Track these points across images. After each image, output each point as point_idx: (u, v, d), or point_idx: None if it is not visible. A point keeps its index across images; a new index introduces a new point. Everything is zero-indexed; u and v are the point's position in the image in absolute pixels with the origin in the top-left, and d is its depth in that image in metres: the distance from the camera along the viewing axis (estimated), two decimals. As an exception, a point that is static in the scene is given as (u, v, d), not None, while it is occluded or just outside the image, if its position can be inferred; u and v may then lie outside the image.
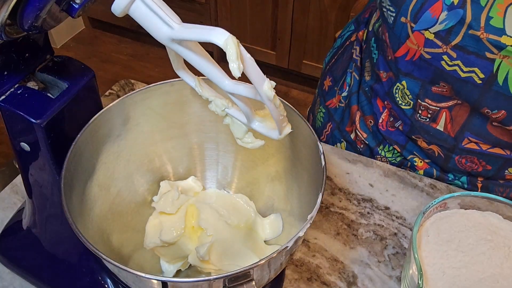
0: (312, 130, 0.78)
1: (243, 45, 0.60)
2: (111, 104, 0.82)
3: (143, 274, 0.65)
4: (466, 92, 0.93)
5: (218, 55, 2.81)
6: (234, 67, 0.58)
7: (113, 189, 0.88)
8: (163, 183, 0.93)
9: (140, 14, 0.62)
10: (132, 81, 1.30)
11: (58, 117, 0.73)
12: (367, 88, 1.19)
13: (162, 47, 0.67)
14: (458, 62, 0.90)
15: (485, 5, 0.84)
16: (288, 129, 0.72)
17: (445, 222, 0.86)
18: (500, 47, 0.84)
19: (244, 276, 0.65)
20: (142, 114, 0.87)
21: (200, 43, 0.65)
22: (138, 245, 0.89)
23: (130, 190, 0.92)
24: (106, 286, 0.86)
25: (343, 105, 1.26)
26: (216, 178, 0.99)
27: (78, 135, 0.76)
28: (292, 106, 0.81)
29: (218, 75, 0.68)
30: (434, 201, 0.84)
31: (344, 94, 1.25)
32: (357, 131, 1.21)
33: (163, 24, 0.63)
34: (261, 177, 0.94)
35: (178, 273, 0.90)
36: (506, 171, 1.03)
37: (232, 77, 0.63)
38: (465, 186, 1.09)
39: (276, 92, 0.63)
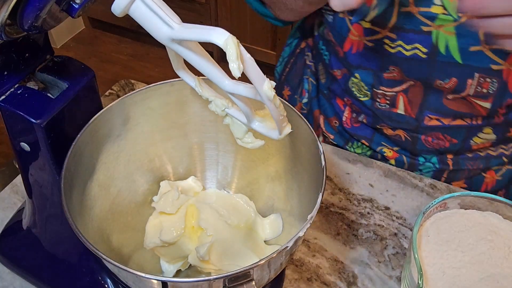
0: (312, 130, 0.78)
1: (243, 45, 0.60)
2: (111, 104, 0.82)
3: (143, 274, 0.65)
4: (415, 69, 0.96)
5: (218, 55, 2.81)
6: (234, 67, 0.58)
7: (113, 189, 0.88)
8: (163, 183, 0.93)
9: (140, 14, 0.62)
10: (132, 81, 1.30)
11: (58, 117, 0.73)
12: (325, 91, 1.21)
13: (162, 47, 0.67)
14: (400, 42, 0.93)
15: None
16: (288, 129, 0.72)
17: (445, 222, 0.86)
18: (432, 17, 0.87)
19: (244, 276, 0.65)
20: (142, 114, 0.87)
21: (200, 43, 0.65)
22: (138, 245, 0.89)
23: (130, 190, 0.92)
24: (106, 286, 0.86)
25: (305, 111, 1.29)
26: (216, 178, 0.99)
27: (78, 135, 0.76)
28: (292, 106, 0.81)
29: (218, 75, 0.67)
30: (434, 201, 0.84)
31: (305, 100, 1.27)
32: (324, 134, 1.24)
33: (163, 24, 0.62)
34: (261, 177, 0.94)
35: (178, 273, 0.90)
36: (471, 141, 1.06)
37: (232, 77, 0.63)
38: (437, 166, 1.11)
39: (276, 92, 0.64)
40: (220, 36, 0.59)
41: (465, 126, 1.03)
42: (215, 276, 0.64)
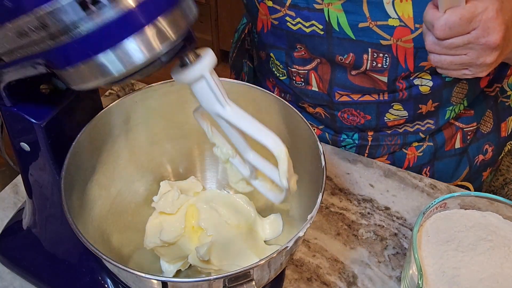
0: (312, 130, 0.78)
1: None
2: (111, 104, 0.82)
3: (143, 274, 0.65)
4: (317, 46, 1.01)
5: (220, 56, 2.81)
6: (283, 183, 0.66)
7: (113, 189, 0.88)
8: (163, 183, 0.93)
9: (200, 89, 0.64)
10: (132, 81, 1.30)
11: (58, 117, 0.73)
12: (258, 73, 1.29)
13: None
14: (299, 19, 0.98)
15: None
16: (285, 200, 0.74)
17: (445, 222, 0.86)
18: None
19: (244, 276, 0.66)
20: (142, 114, 0.87)
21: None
22: (138, 245, 0.89)
23: (130, 190, 0.92)
24: (106, 286, 0.86)
25: None
26: (216, 178, 0.99)
27: (78, 135, 0.77)
28: (292, 106, 0.81)
29: (244, 146, 0.71)
30: (434, 201, 0.84)
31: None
32: None
33: (216, 102, 0.64)
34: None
35: (178, 273, 0.90)
36: (385, 117, 1.10)
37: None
38: (357, 142, 1.16)
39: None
40: (276, 146, 0.64)
41: (374, 101, 1.07)
42: (215, 276, 0.64)
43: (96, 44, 0.53)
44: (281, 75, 1.15)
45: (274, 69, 1.15)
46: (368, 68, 1.01)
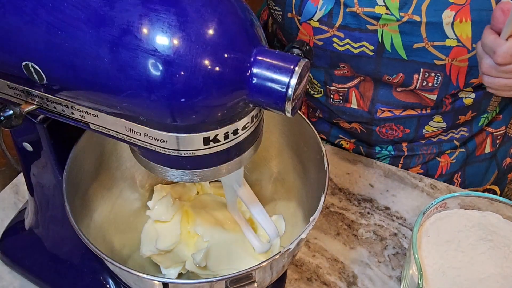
0: (315, 131, 0.78)
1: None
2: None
3: (144, 275, 0.65)
4: (363, 66, 0.99)
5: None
6: (264, 249, 0.83)
7: (115, 189, 0.88)
8: (157, 187, 0.93)
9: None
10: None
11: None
12: None
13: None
14: (347, 40, 0.96)
15: None
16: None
17: (445, 222, 0.86)
18: (376, 17, 0.91)
19: (246, 277, 0.66)
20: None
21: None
22: (139, 246, 0.89)
23: (132, 191, 0.92)
24: (108, 286, 0.86)
25: None
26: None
27: (81, 136, 0.76)
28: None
29: (253, 239, 0.84)
30: (434, 201, 0.84)
31: None
32: None
33: (235, 182, 0.76)
34: (263, 178, 0.94)
35: (179, 276, 0.90)
36: (424, 130, 1.10)
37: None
38: (392, 153, 1.15)
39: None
40: (273, 234, 0.78)
41: (416, 115, 1.06)
42: (217, 278, 0.64)
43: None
44: (316, 93, 1.12)
45: (307, 87, 1.12)
46: (418, 87, 1.00)
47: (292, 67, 0.52)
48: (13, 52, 0.54)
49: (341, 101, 1.09)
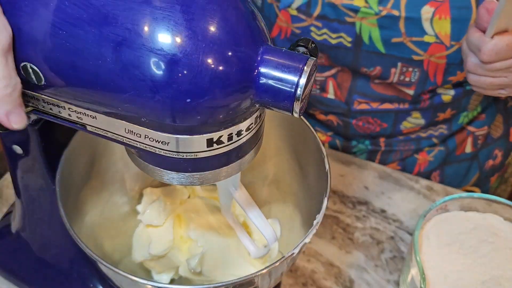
0: (315, 132, 0.77)
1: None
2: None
3: (140, 279, 0.63)
4: (341, 57, 0.99)
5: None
6: (259, 255, 0.78)
7: (105, 193, 0.86)
8: (146, 190, 0.91)
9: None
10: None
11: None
12: None
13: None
14: (325, 30, 0.96)
15: None
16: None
17: (446, 225, 0.85)
18: (355, 10, 0.92)
19: (248, 283, 0.64)
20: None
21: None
22: (129, 251, 0.88)
23: (122, 194, 0.90)
24: (98, 292, 0.84)
25: None
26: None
27: (72, 139, 0.75)
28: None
29: (248, 243, 0.79)
30: (435, 203, 0.83)
31: None
32: None
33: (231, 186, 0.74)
34: (257, 180, 0.92)
35: (171, 282, 0.88)
36: (401, 125, 1.10)
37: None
38: (369, 147, 1.15)
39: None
40: (271, 238, 0.72)
41: (393, 110, 1.07)
42: (218, 284, 0.62)
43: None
44: None
45: None
46: (395, 81, 1.00)
47: (301, 66, 0.51)
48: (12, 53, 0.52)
49: (318, 91, 1.09)
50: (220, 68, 0.48)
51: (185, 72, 0.47)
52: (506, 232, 0.84)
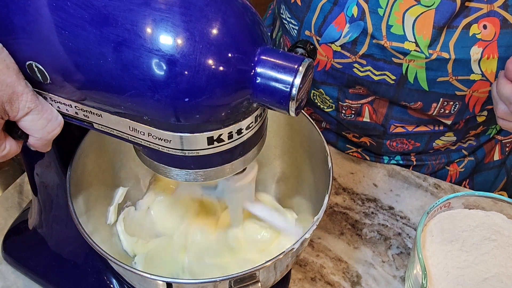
0: (319, 131, 0.78)
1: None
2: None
3: (149, 275, 0.65)
4: (381, 91, 0.96)
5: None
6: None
7: (119, 189, 0.88)
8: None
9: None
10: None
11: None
12: None
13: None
14: (369, 67, 0.93)
15: (383, 14, 0.87)
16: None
17: (450, 222, 0.86)
18: (404, 52, 0.88)
19: (250, 277, 0.66)
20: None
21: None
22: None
23: (136, 191, 0.92)
24: (112, 286, 0.86)
25: None
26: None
27: (85, 135, 0.77)
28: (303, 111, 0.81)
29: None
30: (439, 201, 0.84)
31: None
32: None
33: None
34: (267, 178, 0.94)
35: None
36: (434, 143, 1.08)
37: None
38: (400, 162, 1.13)
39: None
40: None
41: (428, 132, 1.05)
42: (220, 278, 0.64)
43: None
44: (326, 108, 1.08)
45: (316, 101, 1.08)
46: (434, 114, 0.98)
47: (296, 66, 0.52)
48: (17, 51, 0.54)
49: (353, 115, 1.06)
50: (218, 68, 0.50)
51: (183, 72, 0.49)
52: (510, 231, 0.84)
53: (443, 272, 0.81)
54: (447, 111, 0.97)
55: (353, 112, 1.05)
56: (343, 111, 1.05)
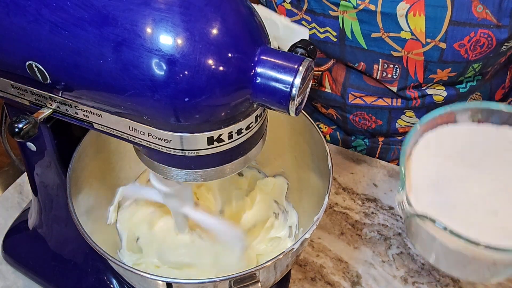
0: (319, 130, 0.78)
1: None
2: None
3: (148, 275, 0.65)
4: (329, 51, 1.03)
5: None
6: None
7: (120, 190, 0.88)
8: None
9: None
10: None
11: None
12: None
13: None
14: (314, 25, 1.01)
15: None
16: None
17: (452, 136, 0.77)
18: (337, 3, 0.94)
19: (250, 277, 0.66)
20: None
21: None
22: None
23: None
24: (112, 286, 0.86)
25: None
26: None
27: (85, 136, 0.77)
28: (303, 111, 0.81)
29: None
30: (439, 110, 0.76)
31: None
32: None
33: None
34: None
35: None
36: (396, 123, 1.11)
37: None
38: (368, 145, 1.18)
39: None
40: (236, 238, 0.80)
41: (387, 107, 1.08)
42: (220, 278, 0.64)
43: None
44: None
45: None
46: (378, 78, 1.02)
47: (296, 66, 0.52)
48: (17, 51, 0.54)
49: (316, 84, 1.13)
50: (217, 68, 0.50)
51: (183, 72, 0.49)
52: None
53: (430, 184, 0.72)
54: (389, 75, 1.01)
55: (315, 81, 1.12)
56: None
